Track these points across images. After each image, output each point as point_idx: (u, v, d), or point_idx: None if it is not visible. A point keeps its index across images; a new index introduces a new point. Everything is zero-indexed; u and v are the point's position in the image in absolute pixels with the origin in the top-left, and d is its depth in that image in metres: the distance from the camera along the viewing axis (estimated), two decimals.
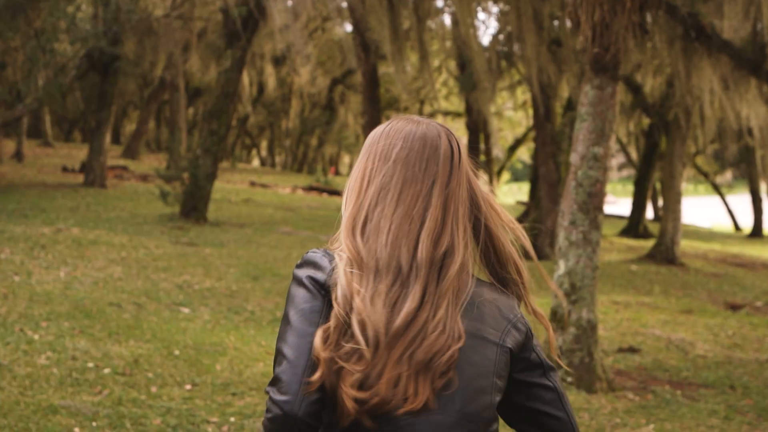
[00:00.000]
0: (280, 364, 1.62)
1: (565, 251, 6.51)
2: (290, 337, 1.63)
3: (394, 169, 1.74)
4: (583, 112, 6.63)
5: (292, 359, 1.61)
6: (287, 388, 1.60)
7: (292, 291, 1.68)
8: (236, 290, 9.43)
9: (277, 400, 1.59)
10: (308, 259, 1.71)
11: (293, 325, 1.64)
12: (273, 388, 1.61)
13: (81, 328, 6.94)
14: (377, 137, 1.80)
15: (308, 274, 1.68)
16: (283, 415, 1.59)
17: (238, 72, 15.70)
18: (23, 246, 10.63)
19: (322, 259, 1.70)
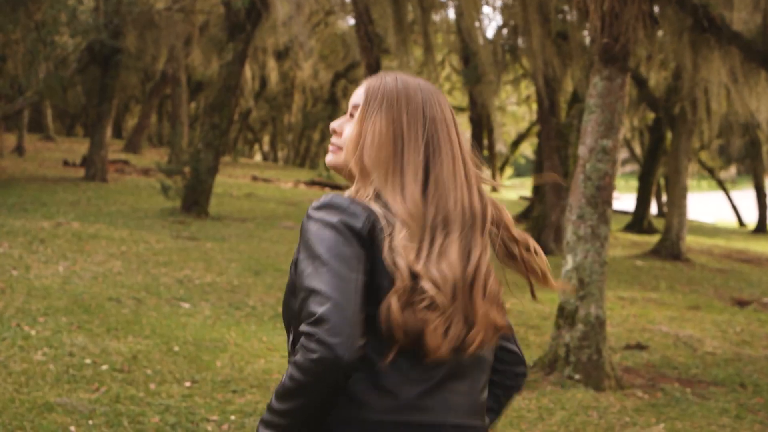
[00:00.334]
0: (322, 305, 1.61)
1: (573, 246, 6.37)
2: (330, 278, 1.63)
3: (433, 127, 1.80)
4: (591, 104, 6.48)
5: (340, 302, 1.62)
6: (338, 330, 1.60)
7: (319, 232, 1.69)
8: (237, 285, 9.31)
9: (329, 342, 1.59)
10: (334, 203, 1.73)
11: (332, 267, 1.64)
12: (319, 329, 1.59)
13: (79, 324, 6.81)
14: (396, 92, 1.83)
15: (341, 219, 1.69)
16: (333, 358, 1.59)
17: (240, 65, 15.56)
18: (22, 240, 10.50)
19: (353, 206, 1.73)
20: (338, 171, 1.90)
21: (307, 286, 1.66)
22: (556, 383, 6.16)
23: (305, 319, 1.64)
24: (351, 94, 1.94)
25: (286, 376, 1.67)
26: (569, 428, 5.40)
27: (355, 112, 1.87)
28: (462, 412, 1.78)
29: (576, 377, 6.18)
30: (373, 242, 1.72)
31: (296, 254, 1.79)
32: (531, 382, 6.24)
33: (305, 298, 1.66)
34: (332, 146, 1.91)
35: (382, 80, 1.87)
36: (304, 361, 1.61)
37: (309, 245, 1.70)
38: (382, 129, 1.80)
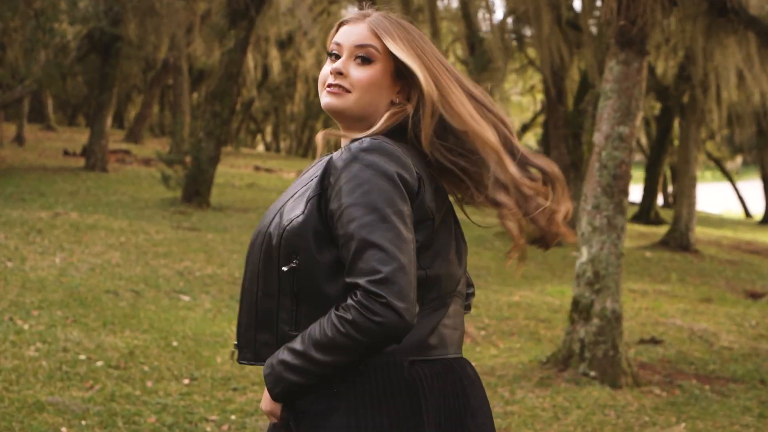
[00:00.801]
0: (388, 264, 1.58)
1: (588, 237, 6.11)
2: (394, 236, 1.61)
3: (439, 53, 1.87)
4: (607, 89, 6.21)
5: (404, 263, 1.59)
6: (405, 295, 1.58)
7: (374, 180, 1.65)
8: (239, 277, 9.05)
9: (397, 307, 1.57)
10: (385, 149, 1.69)
11: (394, 224, 1.62)
12: (386, 291, 1.57)
13: (74, 317, 6.57)
14: (414, 30, 1.85)
15: (398, 171, 1.67)
16: (400, 323, 1.58)
17: (242, 53, 15.27)
18: (19, 231, 10.26)
19: (404, 156, 1.70)
20: (340, 114, 1.83)
21: (366, 238, 1.60)
22: (571, 380, 5.91)
23: (363, 274, 1.59)
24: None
25: (334, 330, 1.62)
26: (586, 428, 5.15)
27: (359, 53, 1.80)
28: (457, 346, 1.83)
29: (591, 374, 5.92)
30: (417, 196, 1.70)
31: (314, 190, 1.72)
32: (544, 379, 5.99)
33: (361, 251, 1.61)
34: (335, 88, 1.82)
35: (379, 15, 1.84)
36: (366, 322, 1.58)
37: (365, 194, 1.64)
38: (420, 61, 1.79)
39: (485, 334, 7.54)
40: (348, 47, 1.82)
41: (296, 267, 1.70)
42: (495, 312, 8.47)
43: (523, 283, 10.63)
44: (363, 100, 1.80)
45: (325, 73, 1.85)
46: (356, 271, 1.62)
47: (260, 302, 1.78)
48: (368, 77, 1.80)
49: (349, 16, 1.88)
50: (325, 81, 1.84)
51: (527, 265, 12.31)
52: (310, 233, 1.70)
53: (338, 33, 1.86)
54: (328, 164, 1.74)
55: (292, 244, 1.71)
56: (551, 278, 11.21)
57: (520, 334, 7.66)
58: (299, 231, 1.70)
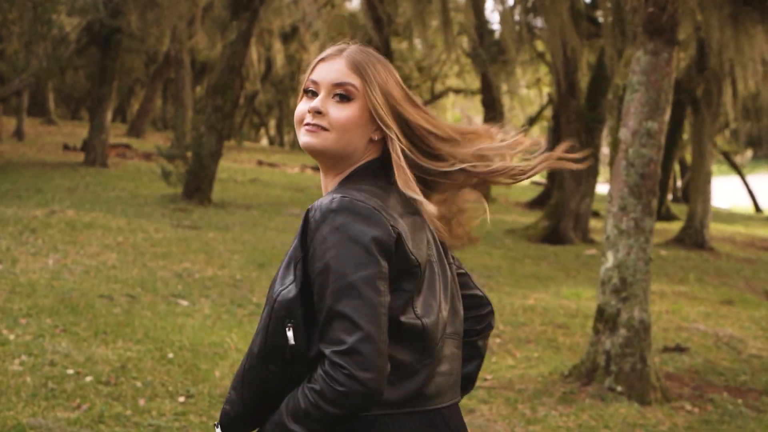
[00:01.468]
0: (352, 334, 1.59)
1: (614, 241, 5.69)
2: (360, 304, 1.60)
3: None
4: (634, 82, 5.78)
5: (370, 333, 1.59)
6: (369, 364, 1.57)
7: (343, 246, 1.63)
8: (240, 279, 8.64)
9: (360, 378, 1.56)
10: (356, 208, 1.66)
11: (361, 291, 1.61)
12: (349, 362, 1.57)
13: (64, 326, 6.16)
14: (379, 61, 1.85)
15: (372, 234, 1.64)
16: (366, 392, 1.58)
17: (245, 45, 14.84)
18: (12, 230, 9.86)
19: (376, 214, 1.67)
20: (320, 154, 1.81)
21: (332, 307, 1.61)
22: (596, 396, 5.49)
23: (330, 344, 1.60)
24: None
25: (305, 400, 1.63)
26: None
27: (337, 91, 1.79)
28: (452, 392, 1.83)
29: (618, 389, 5.50)
30: (398, 249, 1.68)
31: (298, 253, 1.71)
32: (567, 394, 5.57)
33: (329, 320, 1.62)
34: (313, 127, 1.79)
35: (355, 50, 1.84)
36: (331, 392, 1.59)
37: (332, 259, 1.63)
38: (395, 98, 1.82)
39: (501, 342, 7.12)
40: (326, 85, 1.81)
41: (291, 331, 1.69)
42: (509, 317, 8.05)
43: (536, 284, 10.21)
44: (343, 140, 1.79)
45: (302, 110, 1.83)
46: (324, 339, 1.62)
47: (247, 375, 1.80)
48: (347, 116, 1.78)
49: (326, 53, 1.86)
50: (303, 119, 1.82)
51: (539, 264, 11.94)
52: (302, 298, 1.69)
53: (315, 71, 1.84)
54: (304, 221, 1.72)
55: (287, 308, 1.69)
56: (565, 279, 10.79)
57: (537, 341, 7.23)
58: (293, 297, 1.68)
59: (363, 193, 1.72)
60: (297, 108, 1.85)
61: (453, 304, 1.84)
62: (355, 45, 1.87)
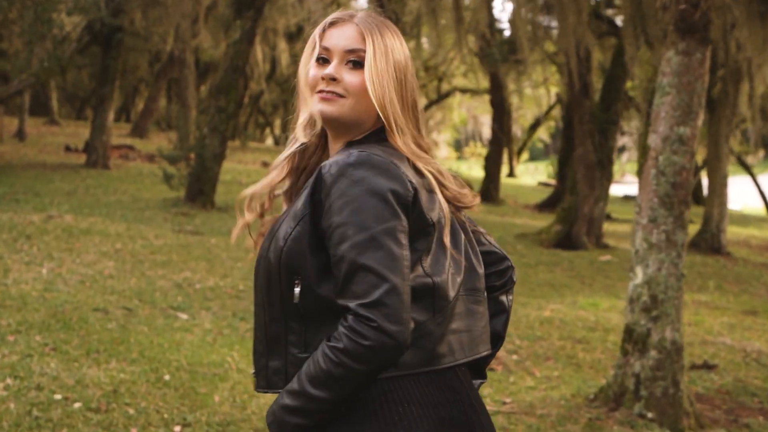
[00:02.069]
0: (378, 287, 1.57)
1: (644, 255, 5.28)
2: (383, 256, 1.58)
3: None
4: (665, 84, 5.38)
5: (396, 284, 1.57)
6: (397, 317, 1.56)
7: (364, 199, 1.62)
8: (243, 290, 8.26)
9: (389, 330, 1.55)
10: (374, 162, 1.66)
11: (384, 243, 1.60)
12: (377, 314, 1.55)
13: (54, 344, 5.77)
14: (389, 27, 1.82)
15: (391, 187, 1.64)
16: (395, 345, 1.56)
17: (249, 44, 14.46)
18: (6, 237, 9.49)
19: (394, 167, 1.67)
20: (335, 121, 1.79)
21: (356, 260, 1.58)
22: (625, 422, 5.09)
23: (354, 297, 1.57)
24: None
25: (327, 361, 1.59)
26: None
27: (351, 57, 1.77)
28: (468, 348, 1.81)
29: (649, 415, 5.10)
30: (414, 207, 1.68)
31: (305, 208, 1.70)
32: (594, 420, 5.17)
33: (351, 273, 1.58)
34: (329, 94, 1.77)
35: (365, 15, 1.81)
36: (358, 347, 1.55)
37: (353, 212, 1.61)
38: (398, 69, 1.78)
39: (518, 359, 6.72)
40: (338, 52, 1.79)
41: (300, 286, 1.67)
42: (526, 330, 7.65)
43: (551, 293, 9.81)
44: (359, 106, 1.78)
45: (315, 77, 1.80)
46: (347, 293, 1.60)
47: (269, 328, 1.75)
48: (363, 82, 1.76)
49: (336, 17, 1.83)
50: (315, 86, 1.80)
51: (553, 271, 11.53)
52: (307, 252, 1.67)
53: (326, 36, 1.81)
54: (317, 178, 1.69)
55: (291, 264, 1.67)
56: (581, 287, 10.38)
57: (557, 358, 6.83)
58: (296, 250, 1.67)
59: (380, 150, 1.71)
60: (307, 74, 1.81)
61: (469, 261, 1.82)
62: (365, 11, 1.84)
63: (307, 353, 1.68)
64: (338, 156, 1.70)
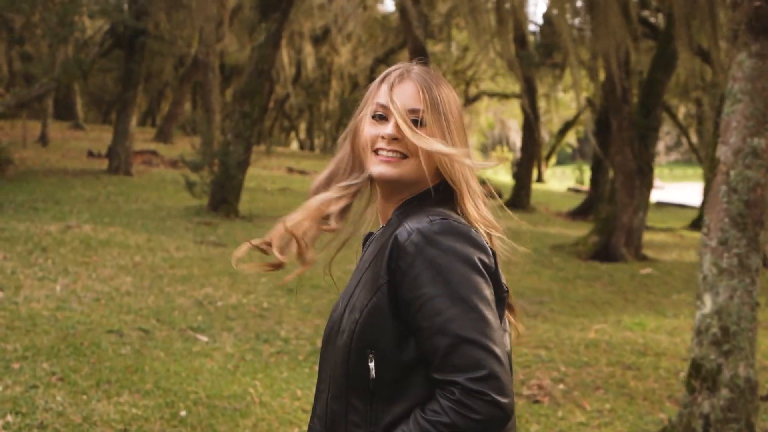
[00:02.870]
0: (487, 360, 1.54)
1: (713, 282, 4.73)
2: (485, 327, 1.57)
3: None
4: (736, 90, 4.82)
5: (500, 356, 1.56)
6: (507, 389, 1.55)
7: (457, 268, 1.59)
8: (267, 308, 7.78)
9: (501, 403, 1.53)
10: (460, 230, 1.64)
11: (484, 314, 1.58)
12: (489, 388, 1.53)
13: (63, 373, 5.31)
14: (448, 92, 1.80)
15: (479, 257, 1.62)
16: (505, 417, 1.54)
17: (274, 47, 14.02)
18: (21, 249, 9.08)
19: (477, 235, 1.66)
20: (395, 183, 1.74)
21: (458, 333, 1.55)
22: None
23: (462, 371, 1.53)
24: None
25: None
26: None
27: (412, 117, 1.73)
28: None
29: None
30: (494, 275, 1.67)
31: (382, 276, 1.64)
32: None
33: (453, 346, 1.55)
34: (392, 154, 1.72)
35: (422, 73, 1.78)
36: (467, 422, 1.52)
37: (447, 284, 1.57)
38: (457, 130, 1.77)
39: (564, 388, 6.17)
40: (400, 111, 1.74)
41: (374, 360, 1.62)
42: (571, 355, 7.09)
43: (593, 311, 9.24)
44: (422, 167, 1.73)
45: (373, 136, 1.75)
46: (450, 367, 1.55)
47: (330, 405, 1.70)
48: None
49: (392, 74, 1.79)
50: (373, 145, 1.75)
51: (593, 286, 10.96)
52: (384, 325, 1.62)
53: (382, 93, 1.77)
54: (394, 245, 1.64)
55: (366, 337, 1.63)
56: (624, 304, 9.80)
57: (607, 388, 6.28)
58: (372, 323, 1.63)
59: (455, 215, 1.69)
60: (364, 133, 1.77)
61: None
62: (417, 66, 1.81)
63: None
64: (414, 222, 1.64)
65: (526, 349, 7.11)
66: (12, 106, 15.94)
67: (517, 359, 6.76)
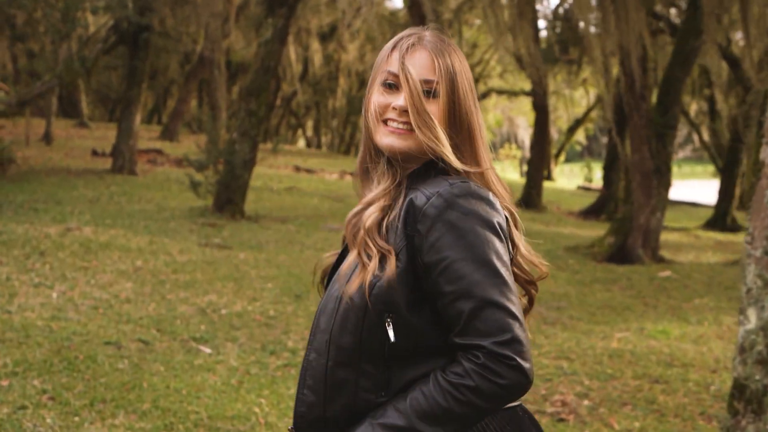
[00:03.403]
0: (512, 324, 1.53)
1: (758, 295, 4.35)
2: (508, 292, 1.56)
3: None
4: None
5: (522, 321, 1.56)
6: (529, 354, 1.54)
7: (479, 232, 1.58)
8: (274, 316, 7.41)
9: (525, 368, 1.53)
10: (480, 193, 1.63)
11: (506, 279, 1.57)
12: (514, 352, 1.52)
13: (54, 391, 4.96)
14: (460, 61, 1.73)
15: (497, 218, 1.63)
16: (527, 383, 1.54)
17: (281, 44, 13.65)
18: (18, 254, 8.74)
19: (494, 198, 1.65)
20: (403, 155, 1.69)
21: (483, 296, 1.54)
22: None
23: (487, 335, 1.52)
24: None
25: (450, 398, 1.53)
26: None
27: (424, 87, 1.67)
28: None
29: None
30: (508, 239, 1.67)
31: (400, 241, 1.61)
32: None
33: (477, 309, 1.53)
34: (399, 125, 1.68)
35: (436, 39, 1.71)
36: (492, 387, 1.51)
37: (470, 246, 1.56)
38: (469, 102, 1.71)
39: (590, 404, 5.79)
40: (414, 82, 1.68)
41: (392, 324, 1.59)
42: (594, 366, 6.71)
43: (614, 317, 8.85)
44: (435, 136, 1.68)
45: (382, 105, 1.70)
46: (475, 331, 1.53)
47: (331, 374, 1.65)
48: (439, 114, 1.68)
49: (405, 40, 1.71)
50: (382, 114, 1.70)
51: (611, 290, 10.57)
52: (404, 288, 1.60)
53: (393, 60, 1.70)
54: (410, 210, 1.62)
55: (385, 301, 1.59)
56: (644, 309, 9.41)
57: (635, 403, 5.90)
58: (393, 286, 1.59)
59: (473, 180, 1.67)
60: (372, 101, 1.71)
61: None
62: (430, 32, 1.73)
63: (385, 397, 1.60)
64: (432, 187, 1.62)
65: (546, 360, 6.74)
66: (13, 105, 15.61)
67: (539, 372, 6.39)
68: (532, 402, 5.71)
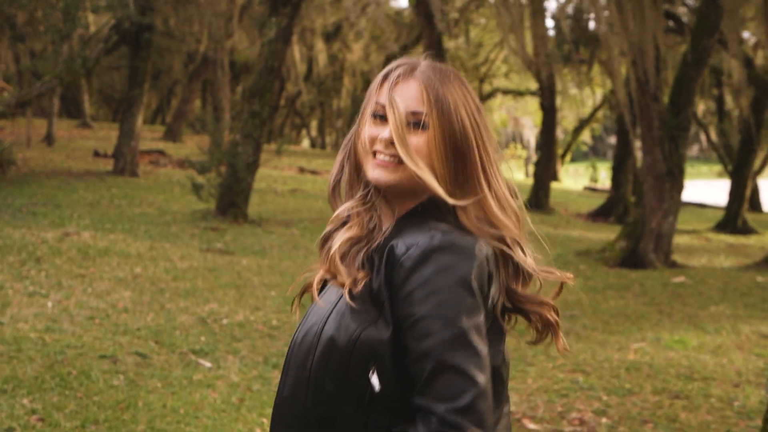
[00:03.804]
0: (468, 391, 1.49)
1: None
2: (473, 356, 1.51)
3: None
4: None
5: (484, 388, 1.51)
6: (486, 422, 1.51)
7: (452, 289, 1.51)
8: (277, 326, 7.14)
9: None
10: (461, 247, 1.55)
11: (473, 342, 1.52)
12: (468, 421, 1.48)
13: (44, 411, 4.69)
14: (460, 91, 1.66)
15: (475, 273, 1.54)
16: None
17: (285, 44, 13.38)
18: (13, 260, 8.48)
19: (479, 252, 1.56)
20: (391, 189, 1.64)
21: (444, 359, 1.49)
22: None
23: (442, 400, 1.48)
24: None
25: None
26: None
27: (412, 119, 1.61)
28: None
29: None
30: (488, 293, 1.59)
31: (385, 292, 1.56)
32: None
33: (437, 372, 1.49)
34: (386, 158, 1.62)
35: (429, 70, 1.65)
36: None
37: (440, 305, 1.50)
38: (468, 132, 1.64)
39: (609, 423, 5.51)
40: (400, 114, 1.63)
41: (375, 372, 1.55)
42: (611, 381, 6.43)
43: (628, 326, 8.56)
44: (426, 169, 1.63)
45: (371, 137, 1.65)
46: (430, 393, 1.50)
47: (312, 413, 1.59)
48: (425, 147, 1.61)
49: (395, 71, 1.66)
50: (371, 147, 1.65)
51: (624, 297, 10.28)
52: (389, 341, 1.54)
53: (384, 92, 1.65)
54: (390, 259, 1.55)
55: (370, 350, 1.54)
56: (659, 318, 9.12)
57: (656, 421, 5.61)
58: (381, 339, 1.54)
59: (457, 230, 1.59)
60: (364, 133, 1.67)
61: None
62: (426, 61, 1.69)
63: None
64: (413, 237, 1.56)
65: (561, 374, 6.45)
66: (12, 105, 15.36)
67: (554, 386, 6.11)
68: (549, 420, 5.44)
